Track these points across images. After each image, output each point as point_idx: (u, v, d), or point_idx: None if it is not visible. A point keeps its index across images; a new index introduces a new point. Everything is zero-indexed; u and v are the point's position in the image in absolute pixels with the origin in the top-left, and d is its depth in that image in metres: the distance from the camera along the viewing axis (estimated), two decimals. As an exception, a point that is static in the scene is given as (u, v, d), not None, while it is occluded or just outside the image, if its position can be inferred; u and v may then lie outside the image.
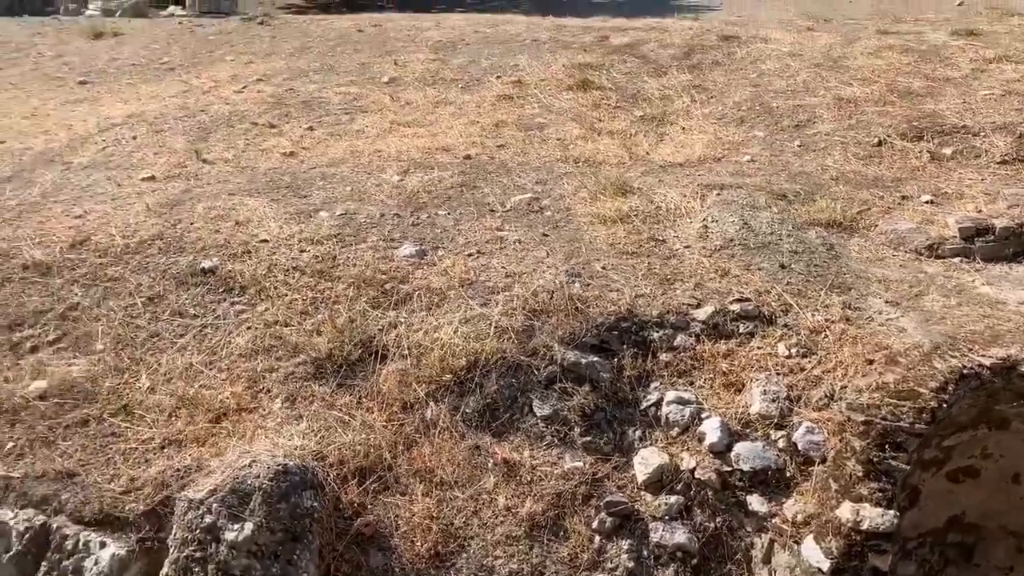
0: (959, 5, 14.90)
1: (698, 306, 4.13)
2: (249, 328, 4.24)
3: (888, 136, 6.05)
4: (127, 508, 3.60)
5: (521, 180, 5.48)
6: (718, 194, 5.06)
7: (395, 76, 7.98)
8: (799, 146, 6.18)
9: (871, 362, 3.72)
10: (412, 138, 6.37)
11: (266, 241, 4.66)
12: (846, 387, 3.66)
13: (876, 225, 4.96)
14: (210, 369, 4.10)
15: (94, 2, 15.26)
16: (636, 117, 6.97)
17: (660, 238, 4.69)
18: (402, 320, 4.15)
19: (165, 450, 3.81)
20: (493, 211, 5.01)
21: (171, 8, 15.07)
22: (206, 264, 4.53)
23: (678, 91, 7.42)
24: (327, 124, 6.74)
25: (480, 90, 7.63)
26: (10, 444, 3.92)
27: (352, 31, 10.06)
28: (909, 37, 8.26)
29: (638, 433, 3.80)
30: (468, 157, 5.94)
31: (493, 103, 7.26)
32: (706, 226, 4.74)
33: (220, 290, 4.43)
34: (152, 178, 5.68)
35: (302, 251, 4.58)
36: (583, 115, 6.96)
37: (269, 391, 3.98)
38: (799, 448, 3.58)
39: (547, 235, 4.75)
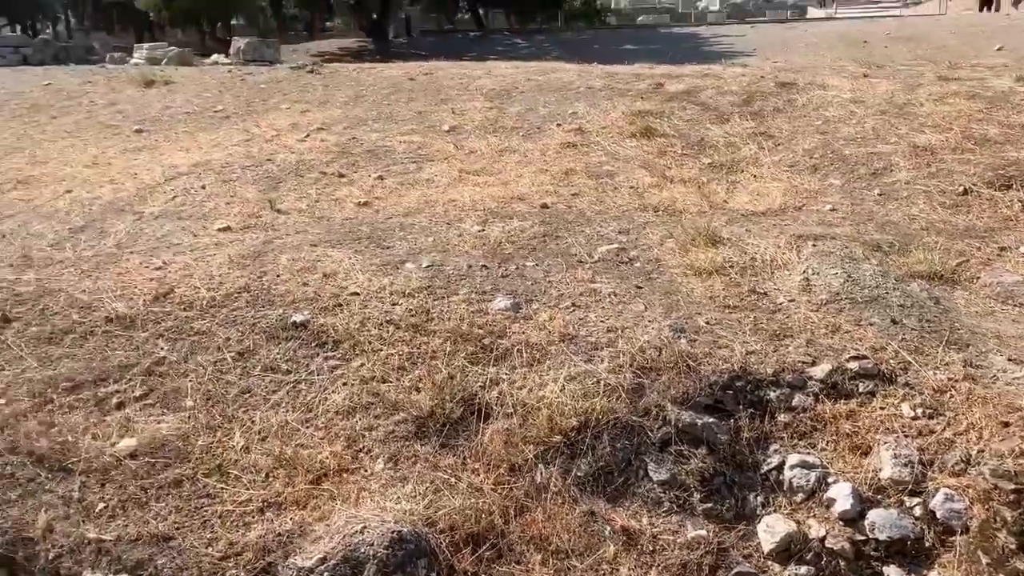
0: (998, 50, 14.89)
1: (813, 363, 3.97)
2: (345, 384, 4.11)
3: (974, 185, 5.92)
4: (227, 575, 3.45)
5: (603, 230, 5.37)
6: (813, 245, 4.93)
7: (455, 124, 7.96)
8: (880, 195, 6.05)
9: (1007, 424, 3.54)
10: (484, 187, 6.30)
11: (356, 294, 4.56)
12: (983, 451, 3.48)
13: (978, 277, 4.80)
14: (306, 427, 3.96)
15: (139, 51, 15.52)
16: (705, 164, 6.89)
17: (761, 291, 4.55)
18: (503, 377, 4.01)
19: (265, 513, 3.66)
20: (581, 262, 4.90)
21: (215, 57, 15.28)
22: (297, 318, 4.42)
23: (743, 138, 7.35)
24: (396, 173, 6.69)
25: (542, 138, 7.59)
26: (101, 505, 3.79)
27: (404, 80, 10.10)
28: (972, 83, 8.17)
29: (760, 499, 3.62)
30: (545, 206, 5.85)
31: (557, 151, 7.20)
32: (807, 279, 4.60)
33: (312, 344, 4.32)
34: (228, 228, 5.61)
35: (394, 304, 4.47)
36: (651, 163, 6.88)
37: (370, 451, 3.84)
38: (937, 516, 3.39)
39: (641, 287, 4.62)
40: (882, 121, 7.32)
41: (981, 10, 35.05)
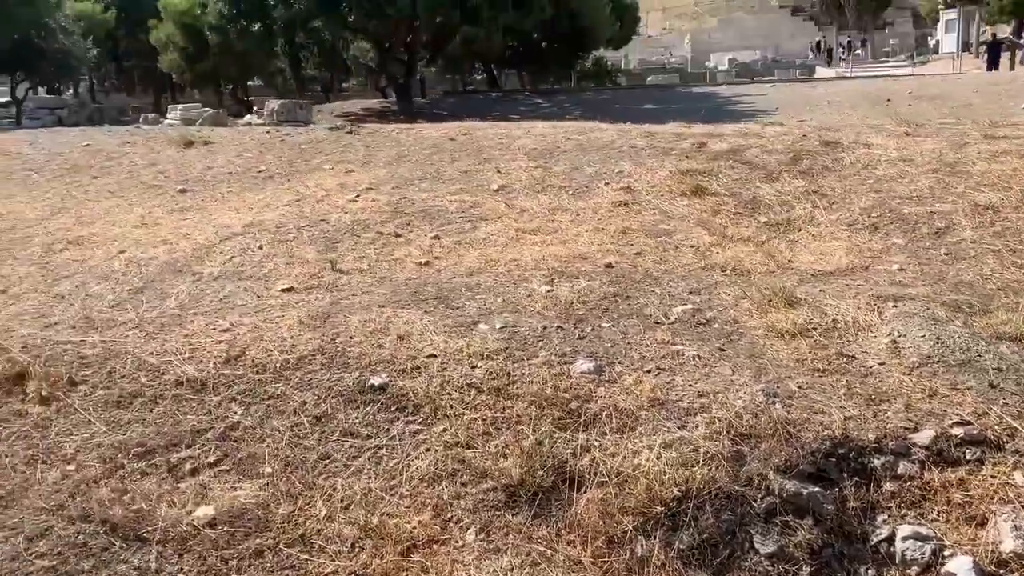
0: (1024, 109, 14.96)
1: (915, 429, 3.84)
2: (428, 450, 4.00)
3: (1044, 243, 5.84)
4: (318, 653, 3.30)
5: (674, 289, 5.30)
6: (894, 306, 4.83)
7: (503, 184, 7.97)
8: (946, 254, 5.97)
9: None
10: (542, 246, 6.25)
11: (434, 356, 4.47)
12: (1109, 523, 3.33)
13: (1067, 338, 4.68)
14: (391, 495, 3.84)
15: (173, 112, 15.75)
16: (760, 223, 6.84)
17: (848, 354, 4.44)
18: (594, 443, 3.89)
19: (352, 587, 3.52)
20: (658, 323, 4.81)
21: (248, 118, 15.50)
22: (375, 381, 4.33)
23: (796, 197, 7.32)
24: (451, 233, 6.66)
25: (592, 196, 7.58)
26: (180, 577, 3.66)
27: (444, 140, 10.17)
28: (1019, 142, 8.16)
29: (871, 572, 3.46)
30: (609, 265, 5.79)
31: (609, 209, 7.17)
32: (895, 341, 4.49)
33: (392, 408, 4.22)
34: (291, 289, 5.56)
35: (473, 367, 4.38)
36: (706, 221, 6.84)
37: (459, 520, 3.71)
38: (1068, 593, 3.23)
39: (724, 349, 4.52)
40: (935, 180, 7.29)
41: (989, 69, 35.51)
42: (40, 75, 25.34)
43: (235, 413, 4.35)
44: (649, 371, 4.31)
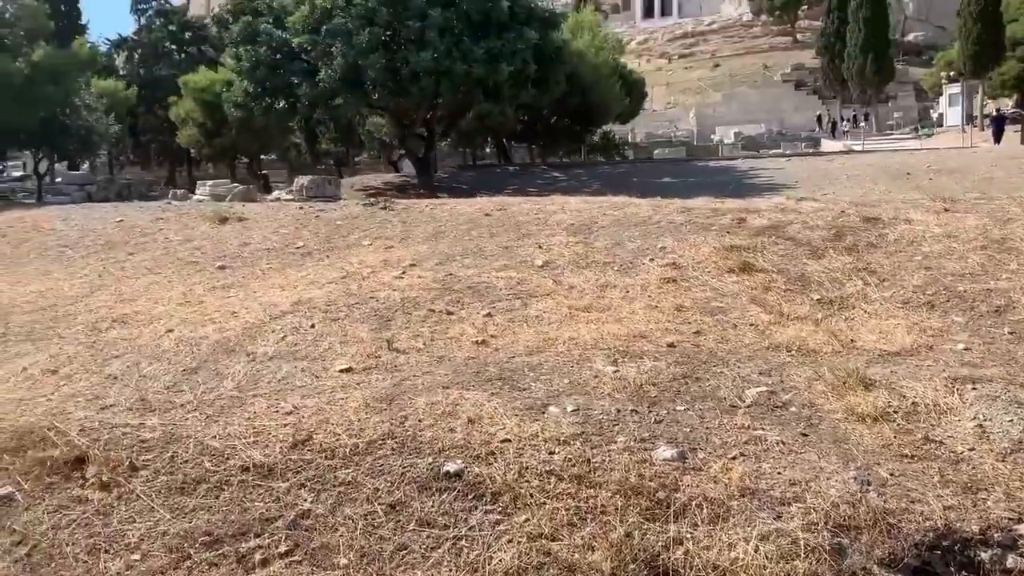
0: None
1: (1020, 520, 3.70)
2: (511, 541, 3.86)
3: (1109, 322, 5.76)
4: None
5: (743, 370, 5.21)
6: (973, 388, 4.73)
7: (547, 259, 7.96)
8: (1011, 333, 5.90)
9: None
10: (598, 324, 6.19)
11: (508, 441, 4.36)
12: None
13: None
14: (475, 590, 3.69)
15: (201, 188, 15.93)
16: (814, 301, 6.79)
17: (934, 438, 4.33)
18: (686, 536, 3.74)
19: None
20: (734, 407, 4.71)
21: (276, 193, 15.66)
22: (450, 467, 4.22)
23: (845, 273, 7.28)
24: (503, 310, 6.61)
25: (638, 272, 7.55)
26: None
27: (479, 215, 10.23)
28: (1062, 218, 8.17)
29: (991, 675, 3.28)
30: (671, 345, 5.71)
31: (659, 286, 7.13)
32: (981, 425, 4.38)
33: (469, 497, 4.09)
34: (350, 369, 5.49)
35: (551, 453, 4.26)
36: (759, 299, 6.79)
37: (551, 618, 3.55)
38: None
39: (806, 435, 4.41)
40: (986, 256, 7.26)
41: (997, 142, 36.00)
42: (62, 151, 25.78)
43: (305, 500, 4.23)
44: (734, 458, 4.19)
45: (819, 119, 58.37)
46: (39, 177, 30.73)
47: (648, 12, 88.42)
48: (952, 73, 44.32)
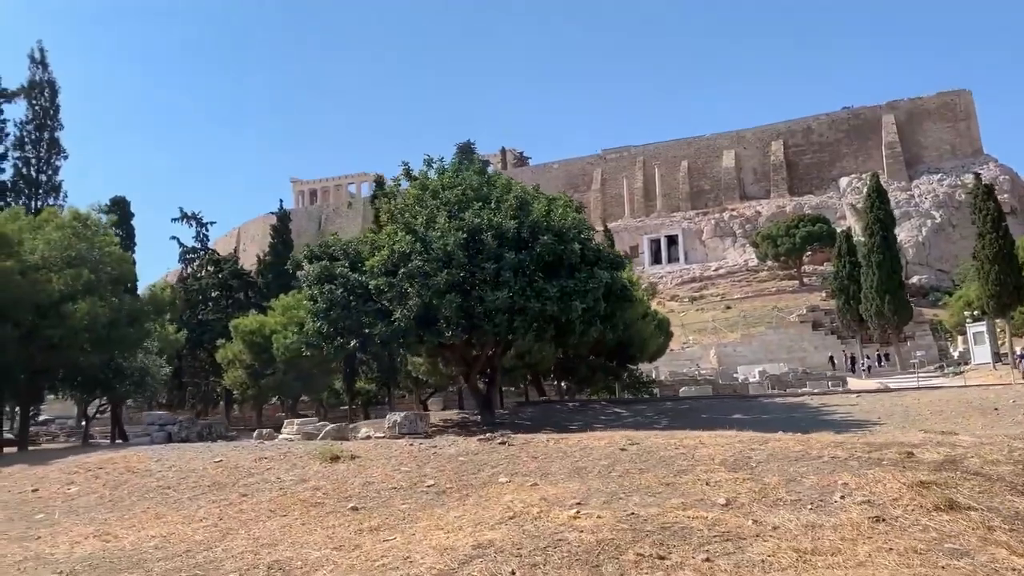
0: None
1: None
2: None
3: None
4: None
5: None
6: None
7: (729, 498, 7.42)
8: None
9: None
10: (842, 569, 5.58)
11: None
12: None
13: None
14: None
15: (288, 427, 15.54)
16: (1051, 544, 6.18)
17: None
18: None
19: None
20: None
21: (365, 431, 15.23)
22: None
23: (1066, 511, 6.72)
24: (720, 553, 5.99)
25: (835, 511, 6.97)
26: None
27: (613, 450, 9.77)
28: None
29: None
30: (949, 594, 5.08)
31: (870, 526, 6.54)
32: None
33: None
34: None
35: None
36: (993, 539, 6.19)
37: None
38: None
39: None
40: None
41: (1031, 378, 35.88)
42: (114, 393, 25.63)
43: None
44: None
45: (831, 359, 58.91)
46: (87, 420, 30.34)
47: (656, 259, 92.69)
48: (976, 312, 45.26)
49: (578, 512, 7.20)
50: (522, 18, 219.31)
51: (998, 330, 45.57)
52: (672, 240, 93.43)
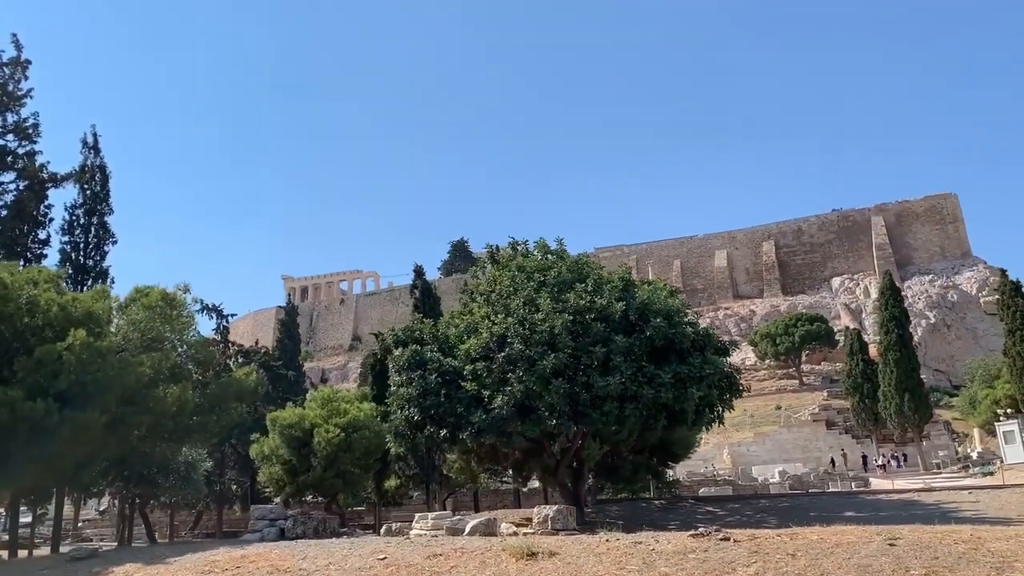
0: None
1: None
2: None
3: None
4: None
5: None
6: None
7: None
8: None
9: None
10: None
11: None
12: None
13: None
14: None
15: (422, 521, 14.14)
16: None
17: None
18: None
19: None
20: None
21: (503, 527, 13.86)
22: None
23: None
24: None
25: None
26: None
27: (879, 546, 8.65)
28: None
29: None
30: None
31: None
32: None
33: None
34: None
35: None
36: None
37: None
38: None
39: None
40: None
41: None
42: (155, 487, 23.74)
43: None
44: None
45: (832, 461, 57.76)
46: (130, 520, 27.66)
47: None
48: (1010, 410, 44.69)
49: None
50: (514, 116, 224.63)
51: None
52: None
